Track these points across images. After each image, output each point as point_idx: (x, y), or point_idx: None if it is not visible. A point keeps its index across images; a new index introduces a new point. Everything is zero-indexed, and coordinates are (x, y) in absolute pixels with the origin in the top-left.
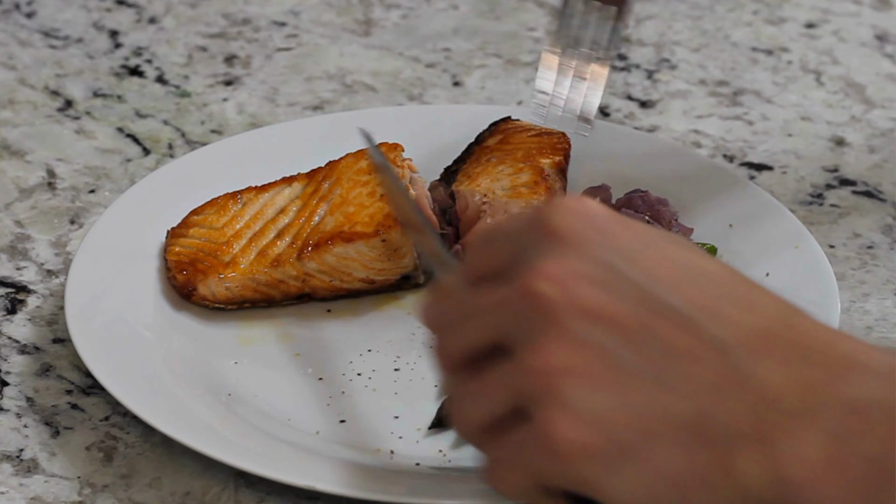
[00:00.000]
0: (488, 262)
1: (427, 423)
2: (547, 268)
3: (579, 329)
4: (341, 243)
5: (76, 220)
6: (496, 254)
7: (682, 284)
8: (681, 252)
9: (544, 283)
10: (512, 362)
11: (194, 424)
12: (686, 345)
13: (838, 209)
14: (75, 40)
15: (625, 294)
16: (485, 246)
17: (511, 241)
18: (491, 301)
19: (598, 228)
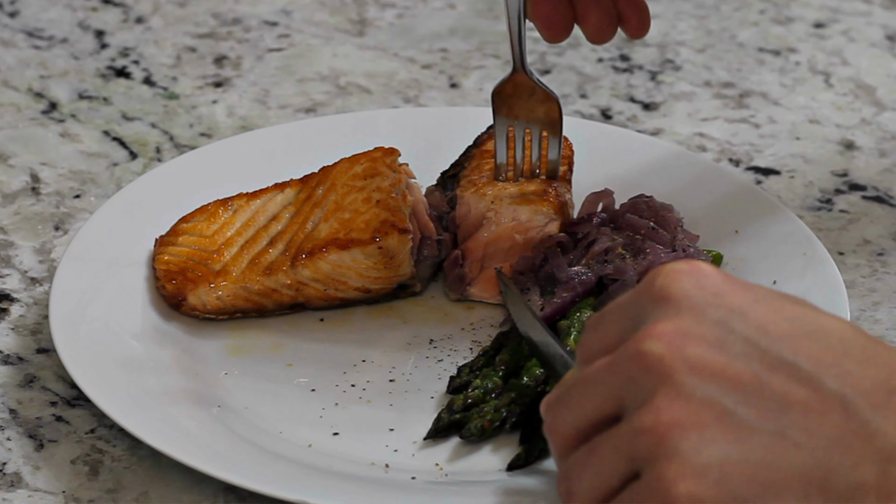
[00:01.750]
0: (600, 340)
1: (423, 435)
2: (657, 328)
3: (692, 385)
4: (336, 251)
5: (61, 227)
6: (608, 329)
7: (798, 339)
8: (794, 307)
9: (654, 343)
10: (625, 427)
11: (183, 437)
12: (805, 398)
13: (848, 215)
14: (60, 40)
15: (738, 350)
16: (597, 325)
17: (622, 314)
18: (600, 370)
19: (709, 289)
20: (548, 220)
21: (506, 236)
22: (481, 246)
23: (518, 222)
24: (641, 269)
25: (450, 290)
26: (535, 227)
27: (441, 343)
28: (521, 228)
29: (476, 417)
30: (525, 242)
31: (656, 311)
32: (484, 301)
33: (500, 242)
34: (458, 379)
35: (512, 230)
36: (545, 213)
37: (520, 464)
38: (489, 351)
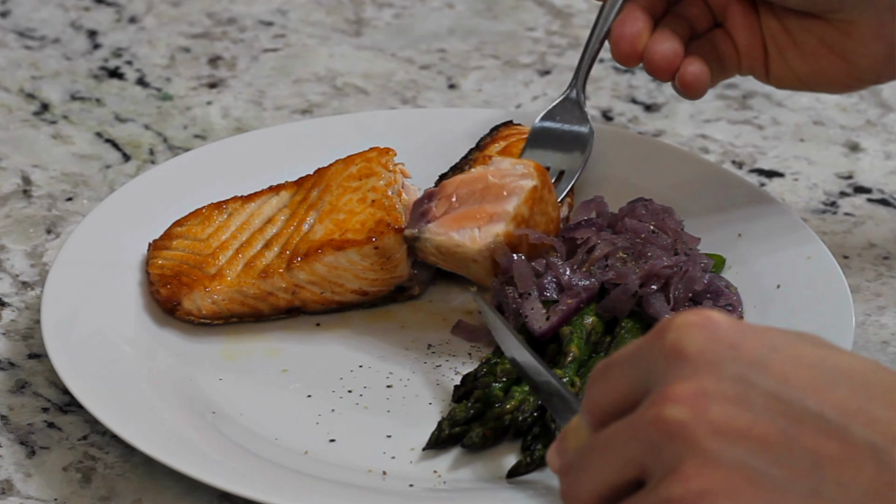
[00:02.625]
0: (610, 395)
1: (421, 442)
2: (675, 391)
3: (719, 450)
4: (332, 252)
5: (53, 230)
6: (617, 384)
7: (820, 387)
8: (814, 351)
9: (675, 408)
10: (652, 497)
11: (177, 444)
12: (835, 452)
13: (853, 218)
14: (52, 41)
15: (761, 406)
16: (604, 378)
17: (631, 367)
18: (619, 436)
19: (723, 342)
20: (524, 173)
21: (480, 177)
22: (455, 184)
23: (496, 167)
24: (643, 273)
25: (408, 227)
26: (510, 176)
27: (439, 348)
28: (497, 174)
29: (478, 426)
30: (496, 188)
31: (671, 371)
32: (438, 248)
33: (473, 183)
34: (461, 388)
35: (488, 174)
36: (525, 165)
37: (520, 471)
38: (491, 359)
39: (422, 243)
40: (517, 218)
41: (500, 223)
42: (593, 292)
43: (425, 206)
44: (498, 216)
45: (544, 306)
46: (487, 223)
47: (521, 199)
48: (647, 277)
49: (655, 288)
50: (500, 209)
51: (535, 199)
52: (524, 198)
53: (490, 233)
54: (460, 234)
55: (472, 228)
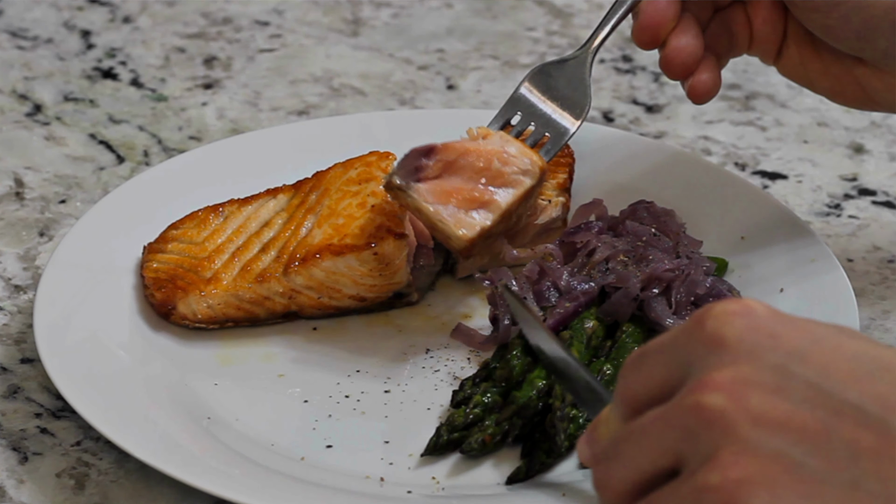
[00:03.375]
0: (645, 384)
1: (420, 447)
2: (714, 379)
3: (757, 439)
4: (330, 257)
5: (46, 233)
6: (653, 373)
7: (861, 379)
8: (854, 343)
9: (714, 395)
10: (688, 485)
11: (172, 450)
12: (874, 444)
13: (857, 220)
14: (45, 41)
15: (801, 396)
16: (639, 366)
17: (668, 355)
18: (656, 423)
19: (763, 331)
20: (527, 169)
21: (486, 156)
22: (458, 151)
23: (504, 152)
24: (644, 276)
25: (396, 174)
26: (513, 166)
27: (438, 353)
28: (503, 159)
29: (477, 431)
30: (496, 174)
31: (709, 358)
32: (419, 211)
33: (477, 157)
34: (460, 393)
35: (494, 154)
36: (532, 161)
37: (520, 477)
38: (490, 363)
39: (404, 197)
40: (505, 214)
41: (488, 216)
42: (593, 296)
43: (422, 161)
44: (488, 206)
45: (543, 310)
46: (476, 209)
47: (516, 196)
48: (649, 281)
49: (657, 292)
50: (492, 200)
51: (527, 195)
52: (518, 195)
53: (475, 223)
54: (446, 211)
55: (459, 210)
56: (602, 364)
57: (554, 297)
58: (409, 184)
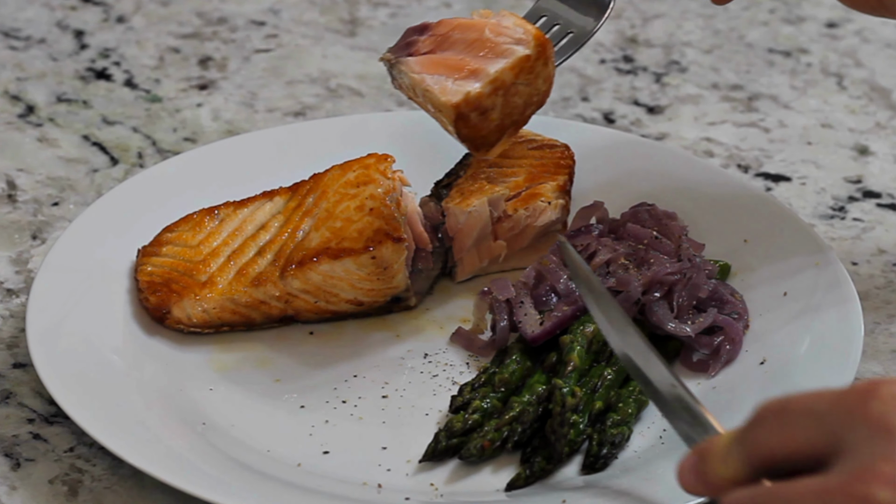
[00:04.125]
0: (787, 443)
1: (418, 453)
2: (884, 471)
3: None
4: (328, 260)
5: (38, 236)
6: (798, 434)
7: None
8: None
9: (882, 490)
10: None
11: (166, 456)
12: None
13: (862, 223)
14: (37, 41)
15: None
16: (782, 421)
17: (820, 422)
18: (812, 499)
19: None
20: (521, 38)
21: (477, 26)
22: (450, 25)
23: (497, 22)
24: (645, 280)
25: (391, 50)
26: (506, 37)
27: (436, 358)
28: (495, 29)
29: (476, 437)
30: (488, 44)
31: (876, 444)
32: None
33: (468, 30)
34: (459, 398)
35: (486, 26)
36: (525, 31)
37: (519, 484)
38: (489, 368)
39: (397, 73)
40: (496, 82)
41: (476, 83)
42: None
43: (414, 37)
44: (476, 74)
45: (540, 313)
46: (464, 77)
47: (507, 64)
48: (650, 284)
49: (658, 295)
50: (481, 68)
51: (524, 68)
52: (510, 64)
53: (461, 89)
54: (433, 80)
55: (448, 78)
56: (602, 369)
57: (553, 301)
58: (400, 58)
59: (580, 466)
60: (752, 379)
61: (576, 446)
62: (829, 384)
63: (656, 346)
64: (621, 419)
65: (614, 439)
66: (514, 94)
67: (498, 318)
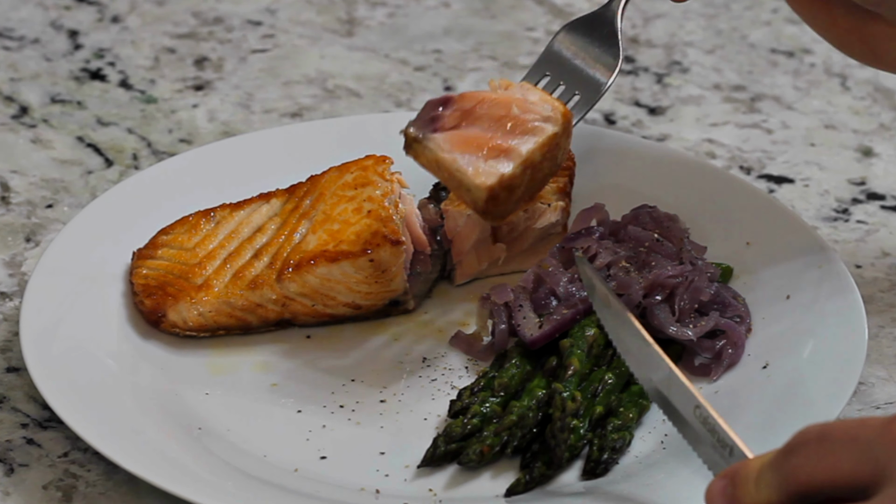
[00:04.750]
0: (828, 472)
1: (416, 459)
2: None
3: None
4: (325, 263)
5: (32, 238)
6: (840, 463)
7: None
8: None
9: None
10: None
11: (162, 461)
12: None
13: (865, 225)
14: (31, 41)
15: None
16: (822, 450)
17: (862, 451)
18: None
19: None
20: (549, 116)
21: (504, 103)
22: (475, 99)
23: (524, 98)
24: (647, 283)
25: (412, 125)
26: (534, 113)
27: (434, 361)
28: (524, 106)
29: (475, 442)
30: (517, 122)
31: None
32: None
33: (495, 106)
34: (458, 402)
35: (513, 102)
36: (554, 108)
37: (519, 489)
38: (489, 372)
39: (421, 149)
40: (526, 161)
41: (509, 164)
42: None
43: (439, 111)
44: (509, 154)
45: (539, 316)
46: (496, 158)
47: (538, 143)
48: (651, 288)
49: (660, 299)
50: (512, 148)
51: (551, 145)
52: (541, 143)
53: (495, 171)
54: (465, 160)
55: (479, 158)
56: (603, 373)
57: (552, 304)
58: (425, 134)
59: (581, 472)
60: (754, 383)
61: (576, 451)
62: (833, 389)
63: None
64: (622, 424)
65: (615, 444)
66: (539, 170)
67: (497, 322)
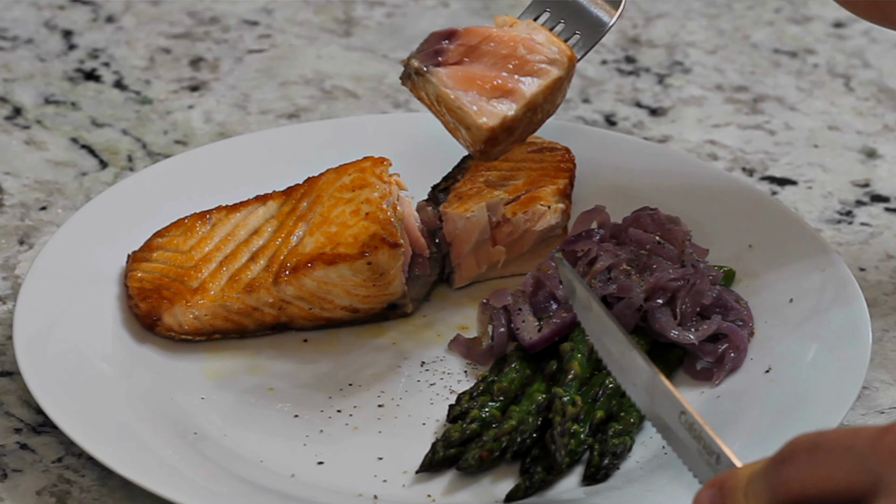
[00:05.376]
0: (821, 482)
1: (414, 464)
2: None
3: None
4: (322, 266)
5: (26, 241)
6: (834, 474)
7: None
8: None
9: None
10: None
11: (157, 466)
12: None
13: (869, 228)
14: (25, 41)
15: None
16: (814, 460)
17: (856, 460)
18: None
19: None
20: (555, 58)
21: (511, 43)
22: (481, 35)
23: (530, 37)
24: (648, 286)
25: (415, 57)
26: (540, 55)
27: (433, 366)
28: (530, 46)
29: (474, 447)
30: (521, 61)
31: None
32: (437, 97)
33: (500, 43)
34: (457, 407)
35: (519, 41)
36: (560, 50)
37: (519, 495)
38: (488, 376)
39: (422, 83)
40: (529, 104)
41: (512, 105)
42: None
43: (442, 44)
44: (512, 95)
45: (539, 320)
46: (499, 98)
47: (542, 86)
48: (653, 291)
49: (661, 302)
50: (517, 89)
51: (554, 89)
52: (544, 86)
53: (498, 112)
54: (468, 98)
55: (481, 98)
56: (604, 377)
57: (552, 308)
58: (428, 67)
59: (581, 477)
60: (757, 388)
61: (576, 457)
62: (837, 393)
63: (659, 355)
64: (623, 429)
65: (616, 449)
66: (538, 111)
67: (496, 325)
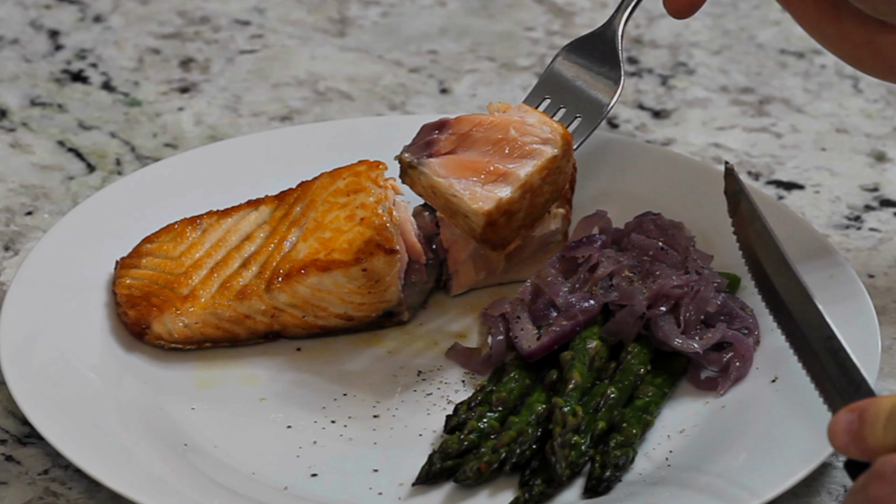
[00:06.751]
0: None
1: (411, 476)
2: None
3: None
4: (316, 273)
5: (11, 247)
6: None
7: None
8: None
9: None
10: None
11: (146, 478)
12: None
13: (878, 233)
14: (10, 41)
15: None
16: None
17: None
18: None
19: None
20: (548, 138)
21: (501, 125)
22: (472, 123)
23: (522, 120)
24: (651, 293)
25: (407, 151)
26: (532, 136)
27: (430, 375)
28: (521, 129)
29: (472, 459)
30: (514, 145)
31: None
32: (432, 188)
33: (492, 128)
34: (454, 418)
35: (511, 124)
36: (552, 129)
37: None
38: (486, 386)
39: (416, 175)
40: (525, 186)
41: (507, 188)
42: (593, 314)
43: (434, 135)
44: (506, 178)
45: (538, 328)
46: (493, 182)
47: (537, 167)
48: (656, 298)
49: (665, 310)
50: (510, 171)
51: (551, 169)
52: (539, 166)
53: (493, 196)
54: (461, 185)
55: (476, 183)
56: (605, 387)
57: (552, 316)
58: (420, 159)
59: (582, 490)
60: (763, 398)
61: (577, 469)
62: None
63: (662, 363)
64: (625, 440)
65: (618, 461)
66: (539, 195)
67: (494, 334)
